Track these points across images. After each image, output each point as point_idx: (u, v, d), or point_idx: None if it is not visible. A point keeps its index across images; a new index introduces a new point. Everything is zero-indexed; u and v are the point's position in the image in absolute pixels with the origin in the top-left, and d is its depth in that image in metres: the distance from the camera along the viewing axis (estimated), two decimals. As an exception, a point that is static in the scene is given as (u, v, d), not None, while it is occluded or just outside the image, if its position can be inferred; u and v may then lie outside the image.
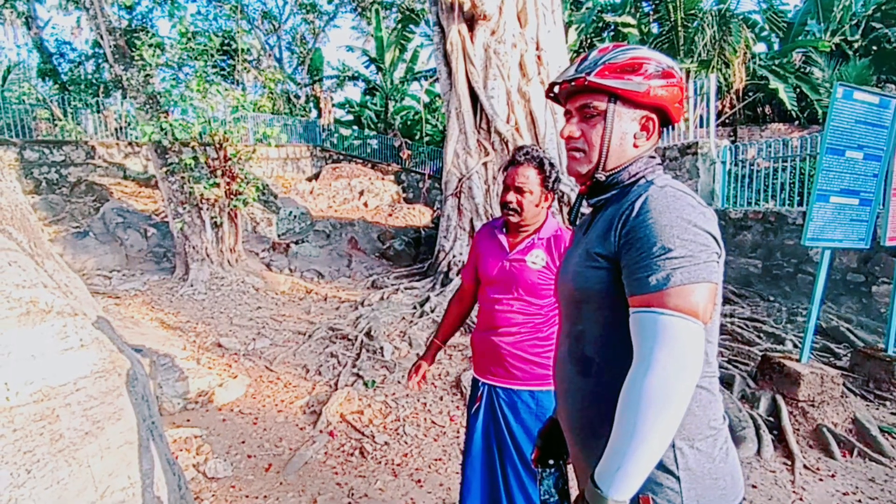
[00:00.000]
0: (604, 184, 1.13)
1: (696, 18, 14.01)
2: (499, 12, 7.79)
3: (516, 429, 1.91)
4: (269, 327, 5.83)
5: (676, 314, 0.89)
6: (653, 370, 0.87)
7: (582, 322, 1.11)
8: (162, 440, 2.70)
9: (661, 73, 1.06)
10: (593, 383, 1.08)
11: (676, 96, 1.07)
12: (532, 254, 1.91)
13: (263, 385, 4.47)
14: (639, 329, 0.93)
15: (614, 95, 1.08)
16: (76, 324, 1.97)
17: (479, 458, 1.99)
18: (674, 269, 0.90)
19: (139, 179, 11.64)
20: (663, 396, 0.85)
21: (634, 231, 0.96)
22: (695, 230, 0.93)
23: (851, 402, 3.80)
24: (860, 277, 5.86)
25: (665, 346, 0.88)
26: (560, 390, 1.21)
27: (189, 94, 7.23)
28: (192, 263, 7.21)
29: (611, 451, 0.91)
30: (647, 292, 0.92)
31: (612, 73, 1.07)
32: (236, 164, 7.53)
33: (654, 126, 1.09)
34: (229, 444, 3.51)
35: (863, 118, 3.69)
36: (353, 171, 15.30)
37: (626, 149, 1.10)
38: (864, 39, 14.19)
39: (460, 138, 7.90)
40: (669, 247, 0.92)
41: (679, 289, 0.90)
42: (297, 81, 21.94)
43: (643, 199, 0.99)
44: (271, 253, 9.08)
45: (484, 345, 2.00)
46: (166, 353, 4.51)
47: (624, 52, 1.08)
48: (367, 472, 3.21)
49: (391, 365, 4.72)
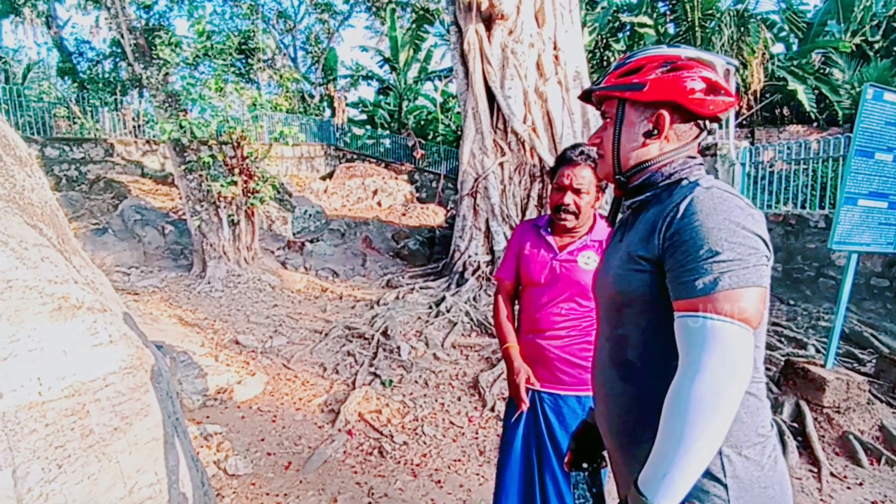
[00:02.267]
0: (635, 185, 1.12)
1: (714, 18, 13.88)
2: (516, 12, 7.75)
3: (560, 436, 1.85)
4: (286, 325, 5.85)
5: (725, 319, 0.86)
6: (701, 376, 0.85)
7: (623, 326, 1.09)
8: (185, 437, 2.72)
9: (668, 68, 1.05)
10: (635, 388, 1.06)
11: (692, 89, 1.03)
12: (584, 255, 1.86)
13: (281, 383, 4.49)
14: (685, 334, 0.90)
15: (623, 100, 1.10)
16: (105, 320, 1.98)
17: (518, 467, 1.93)
18: (722, 273, 0.88)
19: (157, 177, 11.76)
20: (712, 403, 0.83)
21: (680, 233, 0.94)
22: (744, 233, 0.90)
23: (878, 409, 3.73)
24: (885, 282, 5.75)
25: (714, 351, 0.85)
26: (599, 394, 1.19)
27: (207, 92, 7.28)
28: (210, 261, 7.26)
29: (656, 458, 0.89)
30: (694, 296, 0.90)
31: (616, 78, 1.10)
32: (253, 162, 7.57)
33: (665, 122, 1.07)
34: (249, 441, 3.52)
35: (893, 119, 3.61)
36: (367, 170, 15.33)
37: (639, 148, 1.10)
38: (885, 40, 13.93)
39: (476, 138, 7.87)
40: (717, 249, 0.89)
41: (728, 293, 0.87)
42: (312, 81, 22.05)
43: (688, 200, 0.96)
44: (286, 251, 9.12)
45: (529, 348, 1.93)
46: (185, 350, 4.54)
47: (632, 55, 1.11)
48: (387, 472, 3.20)
49: (408, 364, 4.71)
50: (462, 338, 5.44)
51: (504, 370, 4.49)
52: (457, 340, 5.33)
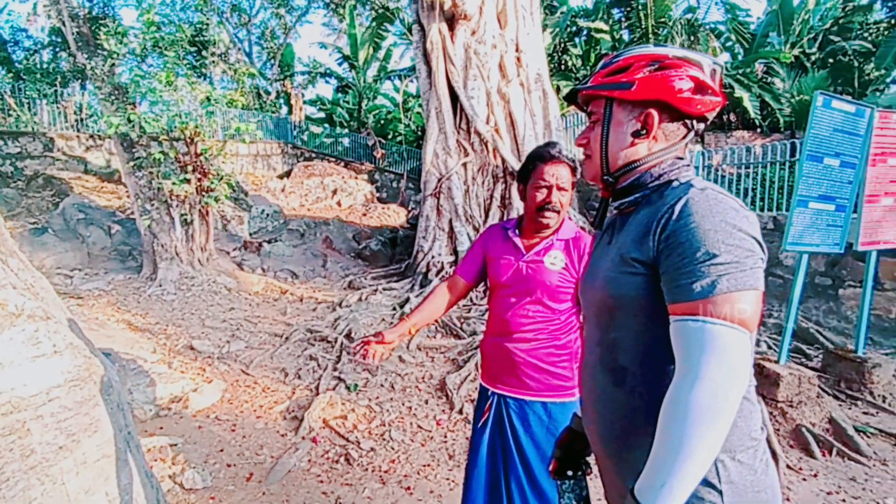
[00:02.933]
0: (623, 186, 1.10)
1: (666, 26, 14.36)
2: (479, 12, 7.77)
3: (525, 442, 1.81)
4: (244, 329, 5.63)
5: (724, 323, 0.85)
6: (701, 382, 0.83)
7: (615, 330, 1.06)
8: (138, 451, 2.55)
9: (656, 67, 1.03)
10: (627, 393, 1.04)
11: (681, 88, 1.01)
12: (550, 255, 1.83)
13: (240, 390, 4.30)
14: (683, 338, 0.88)
15: (610, 99, 1.08)
16: (48, 328, 1.83)
17: (483, 472, 1.89)
18: (720, 276, 0.86)
19: (102, 174, 11.12)
20: (712, 409, 0.82)
21: (675, 235, 0.92)
22: (740, 235, 0.89)
23: (827, 402, 3.90)
24: (828, 280, 6.06)
25: (713, 356, 0.84)
26: (589, 400, 1.16)
27: (158, 86, 6.93)
28: (161, 262, 6.91)
29: (654, 466, 0.86)
30: (691, 300, 0.88)
31: (603, 78, 1.08)
32: (208, 160, 7.26)
33: (654, 121, 1.05)
34: (207, 452, 3.34)
35: (840, 126, 3.79)
36: (326, 169, 15.04)
37: (627, 148, 1.08)
38: (822, 52, 14.78)
39: (440, 138, 7.83)
40: (714, 252, 0.87)
41: (726, 296, 0.86)
42: (268, 77, 21.48)
43: (683, 201, 0.94)
44: (243, 252, 8.81)
45: (496, 351, 1.90)
46: (135, 357, 4.29)
47: (619, 55, 1.09)
48: (354, 480, 3.10)
49: (373, 368, 4.61)
50: (427, 339, 5.38)
51: (470, 372, 4.46)
52: (422, 342, 5.26)
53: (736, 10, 15.41)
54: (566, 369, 1.85)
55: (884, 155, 3.99)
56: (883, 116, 3.94)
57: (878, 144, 3.92)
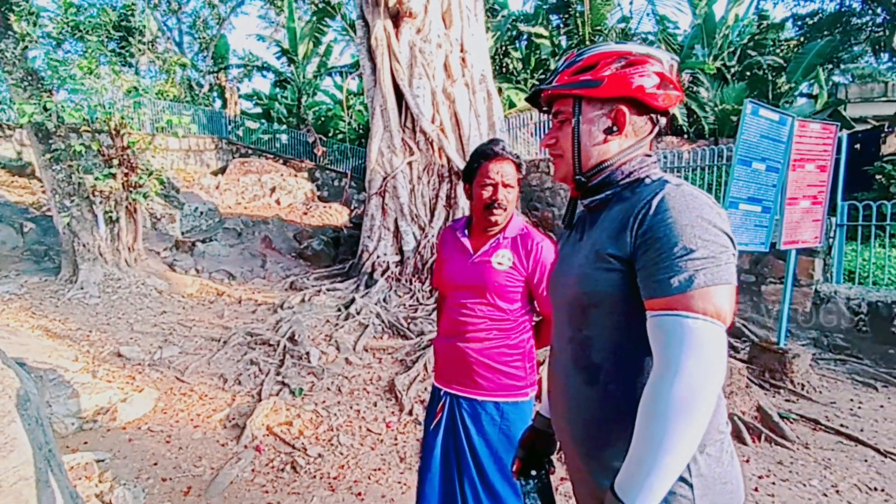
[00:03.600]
0: (593, 184, 1.10)
1: (602, 34, 14.93)
2: (424, 11, 7.74)
3: (478, 442, 1.79)
4: (178, 333, 5.30)
5: (702, 317, 0.85)
6: (680, 376, 0.83)
7: (589, 327, 1.05)
8: (61, 470, 2.34)
9: (625, 64, 1.04)
10: (601, 391, 1.03)
11: (648, 83, 1.03)
12: (498, 254, 1.81)
13: (175, 398, 4.04)
14: (661, 333, 0.88)
15: (578, 97, 1.08)
16: (-44, 336, 1.63)
17: (438, 474, 1.86)
18: (697, 271, 0.87)
19: (12, 167, 10.17)
20: (692, 403, 0.82)
21: (653, 230, 0.92)
22: (714, 230, 0.90)
23: (755, 391, 4.17)
24: (752, 278, 6.49)
25: (692, 350, 0.84)
26: (560, 400, 1.14)
27: (78, 72, 6.40)
28: (82, 263, 6.38)
29: (635, 462, 0.86)
30: (669, 294, 0.88)
31: (570, 76, 1.08)
32: (135, 153, 6.78)
33: (625, 118, 1.06)
34: (139, 467, 3.11)
35: (766, 133, 4.06)
36: (264, 166, 14.52)
37: (599, 146, 1.08)
38: (740, 65, 15.87)
39: (385, 136, 7.74)
40: (692, 247, 0.88)
41: (703, 291, 0.86)
42: (200, 69, 20.46)
43: (660, 197, 0.94)
44: (175, 252, 8.32)
45: (448, 352, 1.87)
46: (54, 367, 3.93)
47: (583, 53, 1.09)
48: (302, 489, 2.98)
49: (319, 371, 4.47)
50: (374, 340, 5.29)
51: (419, 372, 4.42)
52: (369, 343, 5.17)
53: (665, 22, 16.29)
54: (519, 369, 1.84)
55: (802, 161, 4.31)
56: (801, 125, 4.26)
57: (797, 151, 4.23)
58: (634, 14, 18.97)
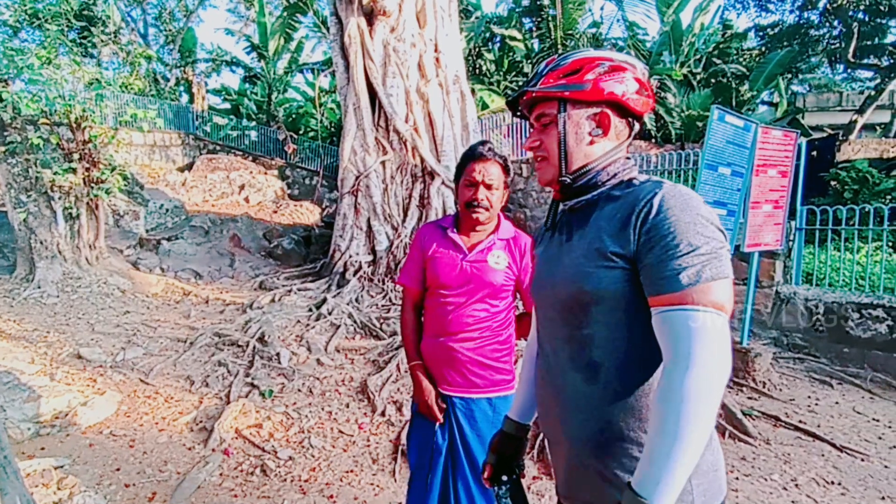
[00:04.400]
0: (577, 186, 1.13)
1: (574, 38, 15.15)
2: (398, 9, 7.70)
3: (472, 439, 1.81)
4: (142, 334, 5.13)
5: (711, 310, 0.89)
6: (693, 368, 0.85)
7: (589, 326, 1.05)
8: (17, 477, 2.24)
9: (607, 69, 1.08)
10: (602, 390, 1.04)
11: (629, 88, 1.08)
12: (493, 254, 1.83)
13: (139, 401, 3.91)
14: (671, 328, 0.90)
15: (563, 100, 1.10)
16: None
17: (435, 474, 1.85)
18: (703, 266, 0.90)
19: (-40, 160, 9.67)
20: (706, 394, 0.84)
21: (657, 228, 0.95)
22: (712, 227, 0.94)
23: (718, 389, 4.29)
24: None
25: (704, 342, 0.87)
26: (553, 402, 1.14)
27: (36, 62, 6.14)
28: (40, 261, 6.11)
29: (652, 457, 0.87)
30: (677, 290, 0.90)
31: (556, 79, 1.10)
32: (97, 148, 6.54)
33: (609, 121, 1.09)
34: (100, 473, 3.00)
35: (731, 139, 4.19)
36: (233, 163, 14.21)
37: (585, 148, 1.11)
38: (706, 73, 16.34)
39: (358, 135, 7.67)
40: (696, 244, 0.91)
41: (710, 284, 0.90)
42: (166, 62, 19.88)
43: (660, 196, 0.97)
44: (139, 250, 8.06)
45: (439, 352, 1.86)
46: (9, 369, 3.77)
47: (566, 57, 1.12)
48: (272, 492, 2.93)
49: (289, 372, 4.40)
50: (346, 341, 5.23)
51: (392, 373, 4.40)
52: (341, 344, 5.11)
53: (635, 28, 16.64)
54: (507, 363, 1.88)
55: (765, 166, 4.46)
56: (764, 132, 4.41)
57: (761, 156, 4.38)
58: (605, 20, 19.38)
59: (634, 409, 1.00)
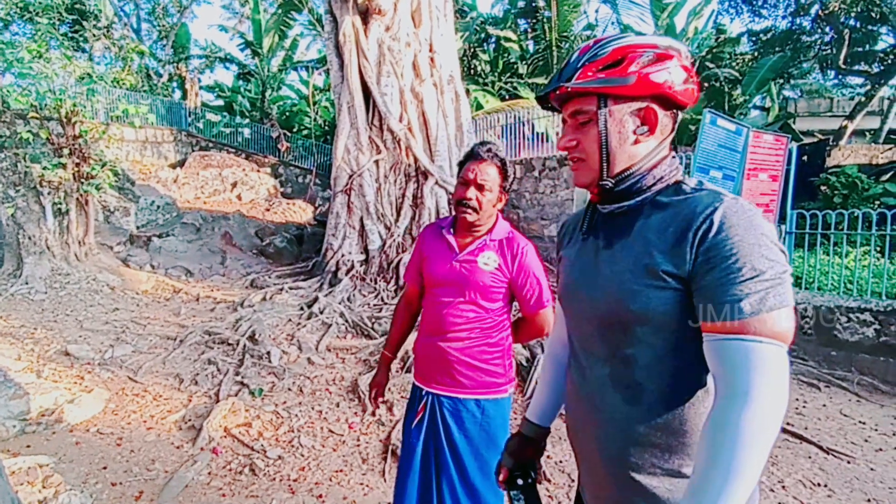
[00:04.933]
0: (620, 189, 1.02)
1: (568, 40, 15.17)
2: (393, 9, 7.69)
3: (458, 439, 1.81)
4: (131, 332, 5.09)
5: (773, 342, 0.83)
6: (753, 404, 0.81)
7: (633, 345, 0.99)
8: (2, 475, 2.21)
9: (653, 58, 0.97)
10: (643, 411, 0.98)
11: (676, 79, 0.97)
12: (484, 255, 1.82)
13: (127, 399, 3.88)
14: (728, 358, 0.85)
15: (603, 95, 0.99)
16: None
17: (417, 472, 1.86)
18: (766, 293, 0.84)
19: (-52, 153, 9.55)
20: (764, 430, 0.80)
21: (717, 249, 0.87)
22: (776, 249, 0.87)
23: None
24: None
25: (764, 376, 0.82)
26: (589, 417, 1.08)
27: (27, 56, 6.07)
28: (28, 256, 6.05)
29: (703, 489, 0.82)
30: (737, 318, 0.84)
31: (594, 72, 0.98)
32: (87, 143, 6.49)
33: (656, 117, 0.99)
34: (86, 471, 2.97)
35: (723, 143, 4.22)
36: (225, 160, 14.14)
37: (629, 148, 1.00)
38: (699, 76, 16.39)
39: (352, 133, 7.65)
40: (760, 269, 0.84)
41: (773, 314, 0.84)
42: (159, 58, 19.74)
43: (721, 213, 0.89)
44: (129, 247, 7.99)
45: (429, 351, 1.87)
46: (-5, 366, 3.72)
47: (605, 45, 0.99)
48: (260, 491, 2.91)
49: (280, 371, 4.38)
50: (337, 340, 5.22)
51: (383, 372, 4.39)
52: (332, 343, 5.10)
53: (629, 31, 16.71)
54: (498, 366, 1.87)
55: (756, 170, 4.50)
56: (756, 136, 4.45)
57: (752, 160, 4.42)
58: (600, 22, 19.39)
59: (678, 431, 0.96)
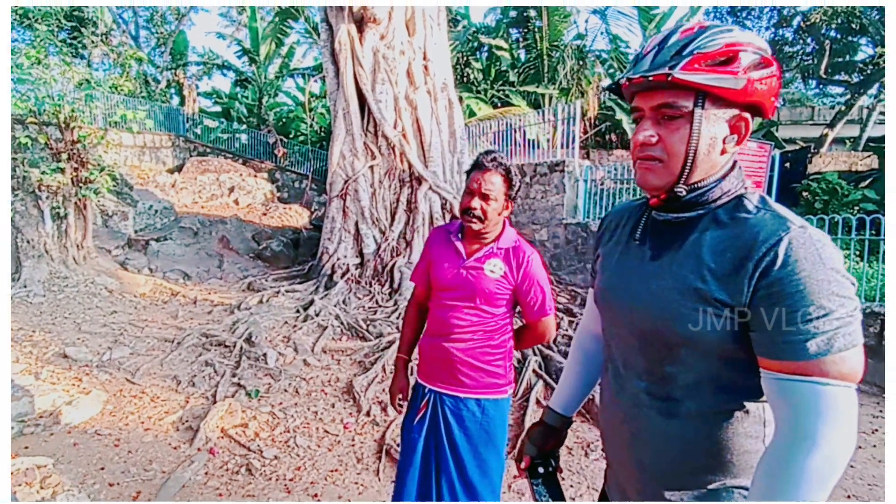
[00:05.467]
0: (688, 198, 0.95)
1: (559, 50, 15.32)
2: (388, 17, 7.80)
3: (459, 437, 1.87)
4: (129, 334, 5.15)
5: (840, 384, 0.79)
6: (819, 449, 0.78)
7: (674, 364, 0.95)
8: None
9: (758, 61, 0.88)
10: (680, 425, 0.96)
11: (774, 89, 0.90)
12: (490, 262, 1.87)
13: (125, 400, 3.94)
14: (793, 399, 0.82)
15: (703, 93, 0.88)
16: None
17: (418, 468, 1.92)
18: (835, 333, 0.79)
19: (-55, 159, 9.60)
20: (828, 476, 0.78)
21: (782, 284, 0.82)
22: (846, 283, 0.82)
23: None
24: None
25: (831, 420, 0.78)
26: (624, 426, 1.05)
27: (25, 61, 6.15)
28: (26, 260, 6.11)
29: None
30: (805, 359, 0.80)
31: (704, 65, 0.87)
32: (85, 148, 6.56)
33: (747, 127, 0.92)
34: (84, 472, 3.03)
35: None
36: (222, 165, 14.20)
37: (715, 157, 0.92)
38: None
39: (347, 139, 7.74)
40: (829, 307, 0.79)
41: (842, 355, 0.80)
42: (157, 64, 19.83)
43: (785, 244, 0.83)
44: (127, 251, 8.04)
45: (434, 351, 1.93)
46: (-6, 368, 3.76)
47: (715, 36, 0.88)
48: (257, 491, 2.98)
49: (276, 372, 4.44)
50: (333, 342, 5.29)
51: (378, 374, 4.46)
52: (328, 345, 5.17)
53: (618, 41, 16.95)
54: (500, 367, 1.92)
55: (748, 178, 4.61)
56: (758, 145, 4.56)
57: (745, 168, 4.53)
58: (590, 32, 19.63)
59: (712, 451, 0.94)
